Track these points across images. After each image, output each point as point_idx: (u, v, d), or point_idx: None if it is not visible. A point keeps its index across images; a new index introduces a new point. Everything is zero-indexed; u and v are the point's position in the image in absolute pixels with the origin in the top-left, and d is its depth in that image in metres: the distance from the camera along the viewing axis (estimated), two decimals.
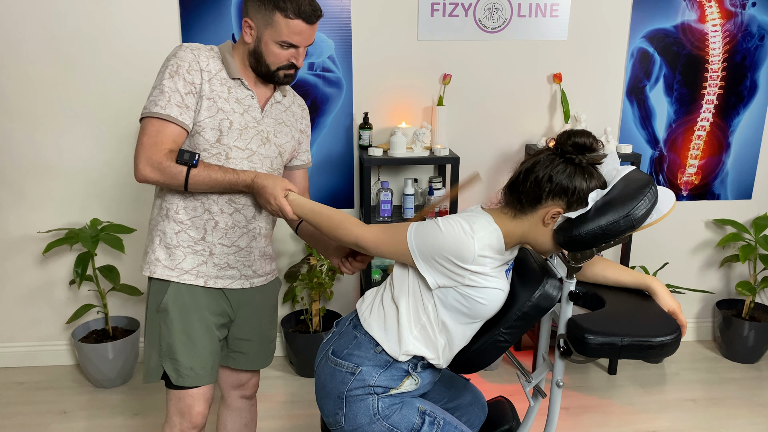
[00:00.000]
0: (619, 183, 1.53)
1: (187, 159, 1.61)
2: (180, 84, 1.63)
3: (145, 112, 1.64)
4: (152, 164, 1.61)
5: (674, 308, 1.66)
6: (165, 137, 1.62)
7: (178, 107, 1.63)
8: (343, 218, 1.60)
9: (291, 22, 1.63)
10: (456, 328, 1.54)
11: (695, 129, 3.09)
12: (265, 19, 1.64)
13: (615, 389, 2.94)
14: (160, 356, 1.75)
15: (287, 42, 1.66)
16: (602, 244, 1.50)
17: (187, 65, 1.64)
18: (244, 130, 1.72)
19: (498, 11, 2.85)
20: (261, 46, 1.68)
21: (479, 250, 1.45)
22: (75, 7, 2.70)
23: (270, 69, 1.70)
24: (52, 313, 3.06)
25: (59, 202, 2.92)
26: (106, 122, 2.84)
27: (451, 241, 1.45)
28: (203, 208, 1.73)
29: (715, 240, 3.28)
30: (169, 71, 1.64)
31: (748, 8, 2.93)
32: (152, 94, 1.64)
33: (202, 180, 1.63)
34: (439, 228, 1.48)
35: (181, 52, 1.66)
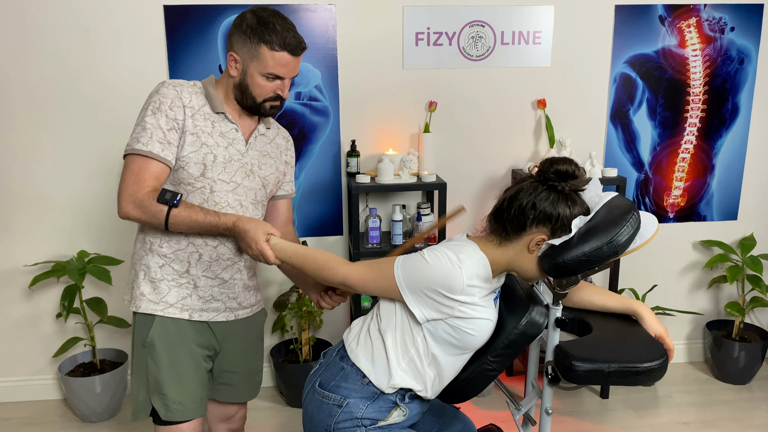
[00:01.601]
0: (602, 209, 1.55)
1: (168, 198, 1.61)
2: (162, 120, 1.64)
3: (127, 149, 1.65)
4: (134, 202, 1.61)
5: (661, 332, 1.66)
6: (147, 174, 1.63)
7: (160, 143, 1.63)
8: (327, 258, 1.59)
9: (276, 55, 1.65)
10: (446, 360, 1.54)
11: (679, 152, 3.12)
12: (250, 53, 1.66)
13: (608, 413, 2.93)
14: (148, 392, 1.73)
15: (273, 74, 1.68)
16: (586, 270, 1.51)
17: (170, 101, 1.65)
18: (228, 163, 1.73)
19: (481, 39, 2.89)
20: (247, 79, 1.69)
21: (467, 280, 1.45)
22: (63, 40, 2.71)
23: (256, 101, 1.72)
24: (39, 346, 3.02)
25: (46, 235, 2.90)
26: (93, 154, 2.84)
27: (439, 273, 1.45)
28: (187, 240, 1.73)
29: (702, 261, 3.30)
30: (151, 108, 1.65)
31: (727, 33, 2.99)
32: (135, 130, 1.66)
33: (182, 220, 1.63)
34: (425, 260, 1.47)
35: (163, 89, 1.67)
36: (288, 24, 1.68)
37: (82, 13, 2.70)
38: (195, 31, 2.74)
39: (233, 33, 1.69)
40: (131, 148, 1.64)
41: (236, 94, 1.73)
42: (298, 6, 2.76)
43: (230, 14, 2.74)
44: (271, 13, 1.69)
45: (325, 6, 2.78)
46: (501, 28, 2.88)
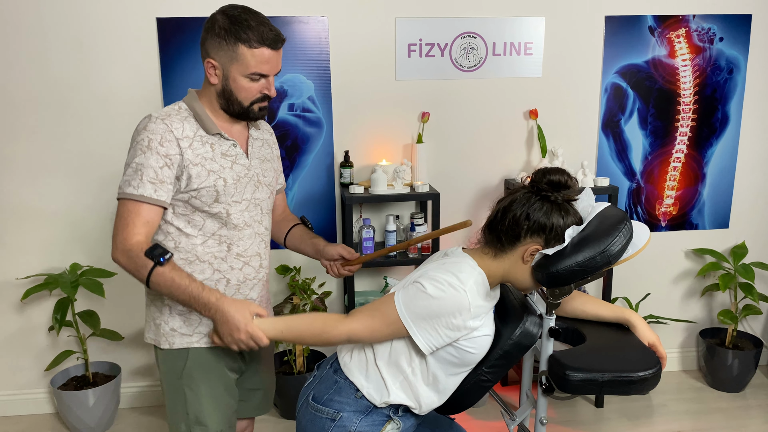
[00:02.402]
0: (595, 219, 1.56)
1: (156, 255, 1.52)
2: (153, 159, 1.55)
3: (119, 193, 1.57)
4: (123, 249, 1.54)
5: (653, 340, 1.67)
6: (138, 220, 1.55)
7: (152, 184, 1.55)
8: (323, 321, 1.52)
9: (256, 52, 1.58)
10: (447, 379, 1.53)
11: (671, 161, 3.14)
12: (228, 55, 1.58)
13: (603, 422, 2.93)
14: (188, 425, 1.68)
15: (257, 73, 1.60)
16: (580, 279, 1.52)
17: (159, 137, 1.56)
18: (238, 182, 1.66)
19: (473, 51, 2.91)
20: (230, 84, 1.61)
21: (473, 301, 1.44)
22: (56, 52, 2.71)
23: (243, 105, 1.64)
24: (31, 360, 3.00)
25: (38, 247, 2.89)
26: (86, 166, 2.84)
27: (445, 304, 1.42)
28: (212, 269, 1.66)
29: (695, 269, 3.31)
30: (140, 147, 1.56)
31: (716, 43, 3.02)
32: (125, 172, 1.57)
33: (164, 281, 1.52)
34: (427, 294, 1.43)
35: (151, 125, 1.57)
36: (261, 18, 1.60)
37: (76, 25, 2.70)
38: (188, 43, 2.75)
39: (206, 38, 1.61)
40: (122, 192, 1.56)
41: (221, 102, 1.65)
42: (291, 18, 2.77)
43: None
44: (242, 9, 1.60)
45: (318, 18, 2.80)
46: (492, 39, 2.90)
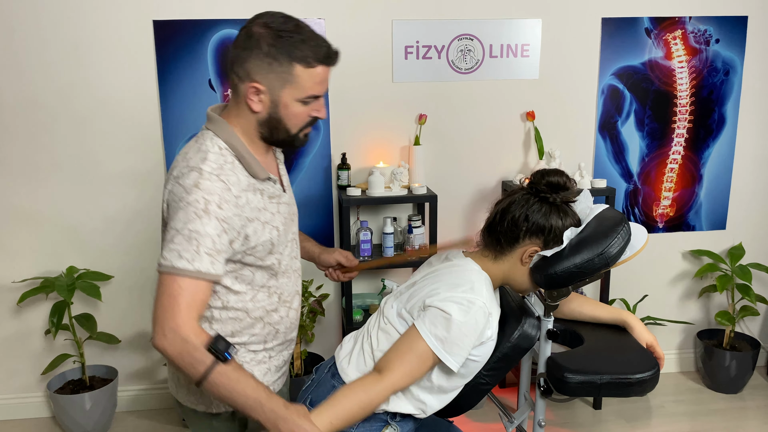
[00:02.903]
0: (593, 221, 1.56)
1: (220, 349, 1.27)
2: (211, 226, 1.29)
3: (166, 266, 1.28)
4: (175, 338, 1.26)
5: (651, 342, 1.67)
6: (193, 300, 1.28)
7: (209, 256, 1.30)
8: (363, 390, 1.40)
9: (314, 71, 1.36)
10: (450, 386, 1.52)
11: (667, 162, 3.15)
12: (281, 78, 1.34)
13: (601, 424, 2.93)
14: None
15: (312, 95, 1.38)
16: (578, 281, 1.52)
17: (218, 198, 1.31)
18: (285, 225, 1.50)
19: (470, 53, 2.91)
20: (279, 111, 1.38)
21: (492, 310, 1.44)
22: (52, 55, 2.71)
23: (291, 133, 1.42)
24: (28, 364, 2.99)
25: (35, 250, 2.88)
26: (83, 169, 2.83)
27: (474, 323, 1.40)
28: (263, 323, 1.48)
29: (692, 271, 3.31)
30: (194, 210, 1.28)
31: (712, 45, 3.03)
32: (173, 239, 1.29)
33: (225, 382, 1.27)
34: (454, 319, 1.39)
35: (205, 183, 1.30)
36: (310, 29, 1.37)
37: (71, 28, 2.69)
38: (184, 46, 2.75)
39: (247, 58, 1.34)
40: (172, 266, 1.28)
41: (263, 132, 1.41)
42: None
43: (220, 29, 2.74)
44: (284, 19, 1.36)
45: (315, 20, 2.80)
46: (489, 41, 2.90)
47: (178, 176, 1.33)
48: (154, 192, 2.88)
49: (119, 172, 2.85)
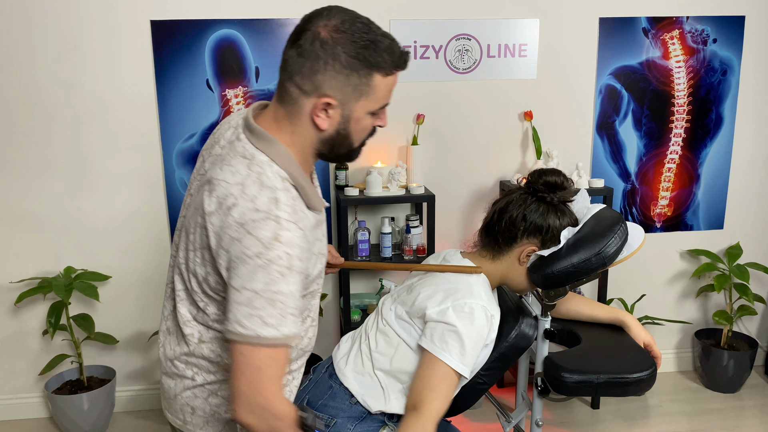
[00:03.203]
0: (590, 221, 1.56)
1: (310, 425, 1.17)
2: (294, 283, 1.13)
3: (248, 336, 1.10)
4: (264, 413, 1.13)
5: (648, 341, 1.67)
6: (280, 370, 1.15)
7: (293, 317, 1.14)
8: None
9: (390, 79, 1.21)
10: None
11: (665, 162, 3.15)
12: (357, 90, 1.18)
13: (598, 424, 2.93)
14: None
15: (383, 105, 1.24)
16: (575, 281, 1.52)
17: (299, 250, 1.14)
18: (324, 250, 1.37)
19: (468, 53, 2.91)
20: (349, 126, 1.21)
21: (494, 312, 1.45)
22: (49, 56, 2.70)
23: (353, 147, 1.27)
24: (25, 364, 2.99)
25: (32, 251, 2.88)
26: (80, 170, 2.82)
27: (480, 330, 1.41)
28: (296, 350, 1.36)
29: (690, 270, 3.32)
30: (278, 269, 1.10)
31: (710, 44, 3.03)
32: (252, 302, 1.11)
33: None
34: (461, 333, 1.39)
35: (285, 234, 1.11)
36: (378, 27, 1.19)
37: (69, 29, 2.69)
38: (182, 46, 2.75)
39: (319, 70, 1.14)
40: (257, 336, 1.10)
41: (321, 148, 1.24)
42: (285, 20, 2.77)
43: (217, 29, 2.74)
44: (352, 19, 1.16)
45: None
46: (487, 41, 2.90)
47: (244, 222, 1.11)
48: (151, 192, 2.88)
49: (117, 172, 2.85)
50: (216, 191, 1.16)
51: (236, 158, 1.19)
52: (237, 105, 2.82)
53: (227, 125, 1.31)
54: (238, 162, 1.18)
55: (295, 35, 1.17)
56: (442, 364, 1.39)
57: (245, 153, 1.19)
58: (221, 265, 1.15)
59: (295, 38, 1.17)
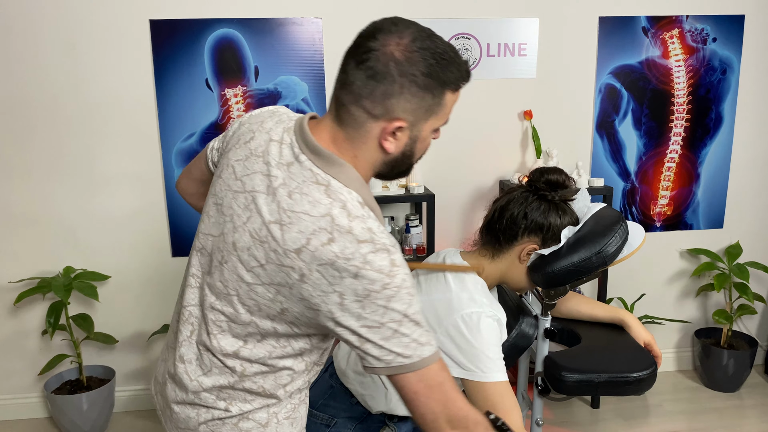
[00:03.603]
0: (590, 220, 1.56)
1: (501, 425, 1.16)
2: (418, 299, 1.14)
3: (415, 362, 1.09)
4: (467, 422, 1.12)
5: (648, 340, 1.67)
6: (452, 379, 1.16)
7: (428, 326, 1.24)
8: None
9: (456, 94, 1.16)
10: None
11: (665, 161, 3.15)
12: (430, 109, 1.13)
13: (599, 423, 2.93)
14: None
15: (447, 120, 1.20)
16: (575, 280, 1.52)
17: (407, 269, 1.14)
18: None
19: (467, 52, 2.91)
20: (415, 146, 1.16)
21: (498, 315, 1.43)
22: (48, 55, 2.70)
23: (413, 164, 1.22)
24: (24, 364, 2.98)
25: (31, 251, 2.87)
26: (79, 169, 2.82)
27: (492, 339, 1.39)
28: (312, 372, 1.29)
29: (690, 269, 3.32)
30: (407, 291, 1.08)
31: (709, 44, 3.03)
32: (399, 331, 1.08)
33: None
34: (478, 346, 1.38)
35: (395, 256, 1.08)
36: (441, 38, 1.14)
37: (68, 28, 2.69)
38: (181, 45, 2.74)
39: (393, 94, 1.08)
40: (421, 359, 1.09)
41: (382, 170, 1.19)
42: (285, 20, 2.77)
43: (216, 28, 2.74)
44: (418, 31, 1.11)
45: (312, 19, 2.79)
46: (487, 40, 2.90)
47: (353, 257, 1.04)
48: (151, 191, 2.87)
49: (116, 171, 2.84)
50: (297, 225, 1.07)
51: (309, 185, 1.10)
52: (236, 104, 2.82)
53: (266, 135, 1.18)
54: (314, 190, 1.09)
55: (360, 53, 1.10)
56: (483, 386, 1.37)
57: (317, 179, 1.10)
58: (327, 303, 1.07)
59: (362, 57, 1.09)
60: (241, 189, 1.16)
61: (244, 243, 1.13)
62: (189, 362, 1.22)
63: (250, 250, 1.12)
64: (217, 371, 1.19)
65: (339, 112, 1.13)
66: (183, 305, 1.24)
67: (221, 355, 1.18)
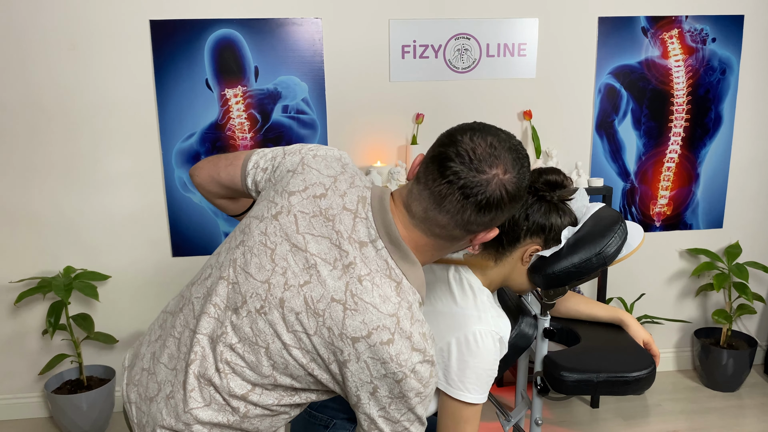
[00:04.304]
0: (590, 220, 1.56)
1: None
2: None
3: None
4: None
5: (647, 339, 1.68)
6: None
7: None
8: None
9: None
10: None
11: (664, 161, 3.15)
12: None
13: (598, 423, 2.93)
14: None
15: None
16: (575, 281, 1.52)
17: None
18: None
19: (467, 52, 2.91)
20: None
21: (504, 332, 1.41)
22: (48, 55, 2.70)
23: None
24: (25, 364, 2.99)
25: (32, 250, 2.88)
26: (80, 169, 2.82)
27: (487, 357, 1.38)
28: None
29: (689, 269, 3.32)
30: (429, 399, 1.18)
31: (709, 44, 3.03)
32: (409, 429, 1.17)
33: None
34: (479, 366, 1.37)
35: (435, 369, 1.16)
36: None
37: (68, 28, 2.69)
38: (181, 45, 2.75)
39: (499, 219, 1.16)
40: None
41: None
42: (285, 20, 2.77)
43: (217, 29, 2.74)
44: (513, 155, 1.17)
45: (312, 20, 2.80)
46: (486, 40, 2.90)
47: (404, 364, 1.09)
48: (151, 191, 2.88)
49: (116, 171, 2.85)
50: (362, 315, 1.08)
51: (383, 278, 1.11)
52: (236, 104, 2.83)
53: (339, 200, 1.16)
54: (386, 284, 1.10)
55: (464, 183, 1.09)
56: (467, 407, 1.37)
57: (392, 275, 1.12)
58: (359, 389, 1.11)
59: (469, 189, 1.08)
60: (302, 247, 1.13)
61: (295, 306, 1.11)
62: (190, 391, 1.17)
63: (300, 316, 1.10)
64: (217, 407, 1.17)
65: (430, 227, 1.13)
66: (195, 331, 1.19)
67: (227, 395, 1.16)
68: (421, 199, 1.12)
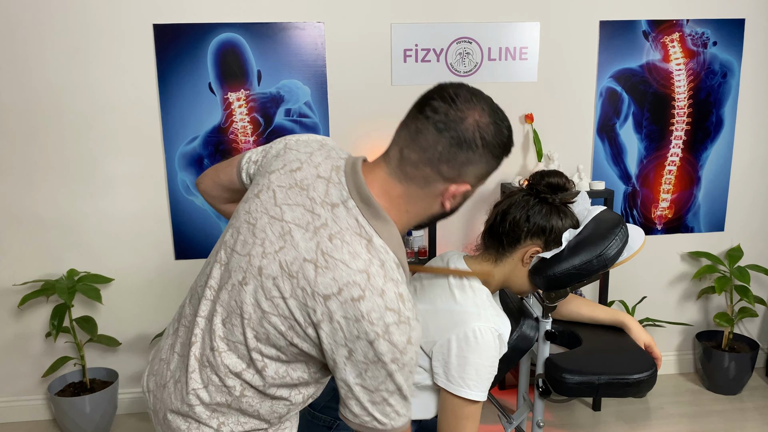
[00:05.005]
0: (591, 223, 1.57)
1: None
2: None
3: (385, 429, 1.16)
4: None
5: (648, 342, 1.68)
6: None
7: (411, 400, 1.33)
8: None
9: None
10: None
11: (666, 164, 3.16)
12: (489, 173, 1.20)
13: (600, 425, 2.93)
14: None
15: None
16: (576, 283, 1.53)
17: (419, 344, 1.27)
18: None
19: (469, 55, 2.92)
20: (464, 201, 1.24)
21: (504, 331, 1.44)
22: (52, 59, 2.72)
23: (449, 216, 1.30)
24: (28, 366, 3.00)
25: (35, 253, 2.89)
26: (83, 172, 2.84)
27: (486, 353, 1.40)
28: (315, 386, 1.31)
29: (691, 272, 3.32)
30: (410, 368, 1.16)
31: (710, 47, 3.04)
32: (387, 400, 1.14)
33: None
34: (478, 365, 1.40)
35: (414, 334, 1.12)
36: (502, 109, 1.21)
37: (71, 32, 2.71)
38: (184, 49, 2.76)
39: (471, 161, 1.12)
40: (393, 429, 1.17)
41: (426, 222, 1.25)
42: (287, 24, 2.79)
43: (220, 33, 2.76)
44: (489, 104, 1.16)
45: (314, 24, 2.81)
46: (488, 44, 2.91)
47: (376, 322, 1.06)
48: (154, 195, 2.89)
49: (120, 174, 2.86)
50: (333, 273, 1.08)
51: (352, 235, 1.11)
52: (239, 108, 2.84)
53: (313, 170, 1.19)
54: (356, 241, 1.10)
55: (442, 119, 1.11)
56: (468, 404, 1.39)
57: (362, 232, 1.11)
58: (335, 352, 1.10)
59: (444, 124, 1.10)
60: (278, 217, 1.15)
61: (272, 271, 1.12)
62: (191, 372, 1.21)
63: (276, 281, 1.12)
64: (214, 389, 1.20)
65: (403, 169, 1.13)
66: (196, 315, 1.24)
67: (223, 372, 1.19)
68: (398, 140, 1.16)
